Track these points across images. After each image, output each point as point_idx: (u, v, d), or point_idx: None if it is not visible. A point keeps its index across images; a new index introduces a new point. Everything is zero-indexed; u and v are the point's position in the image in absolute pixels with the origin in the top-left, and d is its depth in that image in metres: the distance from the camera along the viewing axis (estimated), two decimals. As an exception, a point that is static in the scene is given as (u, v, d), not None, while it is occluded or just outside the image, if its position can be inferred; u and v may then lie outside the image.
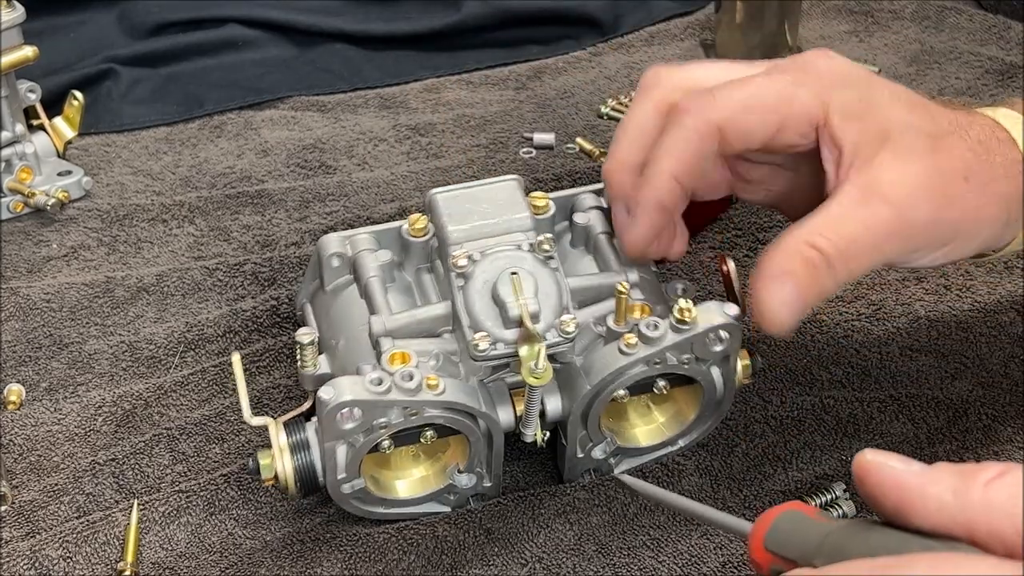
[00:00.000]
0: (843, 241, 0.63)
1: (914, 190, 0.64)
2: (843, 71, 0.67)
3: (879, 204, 0.63)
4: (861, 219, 0.63)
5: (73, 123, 0.98)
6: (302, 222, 0.94)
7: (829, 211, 0.64)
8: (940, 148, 0.65)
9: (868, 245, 0.63)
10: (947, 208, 0.64)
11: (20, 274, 0.90)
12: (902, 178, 0.64)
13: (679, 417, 0.73)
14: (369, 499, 0.69)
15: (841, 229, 0.63)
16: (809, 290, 0.63)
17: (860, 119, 0.65)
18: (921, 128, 0.65)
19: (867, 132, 0.65)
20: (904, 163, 0.64)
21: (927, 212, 0.64)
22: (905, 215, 0.63)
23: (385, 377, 0.64)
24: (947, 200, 0.64)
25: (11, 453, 0.76)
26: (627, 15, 1.19)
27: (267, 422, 0.68)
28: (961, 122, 0.67)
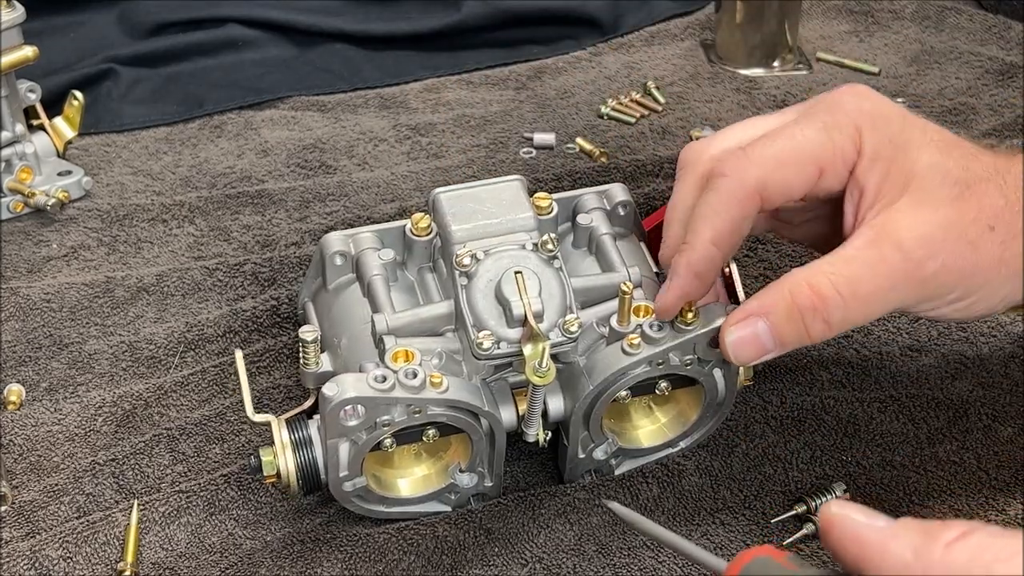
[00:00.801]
0: (845, 283, 0.61)
1: (931, 236, 0.61)
2: (875, 110, 0.65)
3: (890, 248, 0.61)
4: (868, 262, 0.61)
5: (73, 123, 0.98)
6: (302, 222, 0.94)
7: (838, 252, 0.62)
8: (968, 194, 0.63)
9: (873, 289, 0.61)
10: (966, 257, 0.62)
11: (20, 274, 0.89)
12: (919, 223, 0.61)
13: (680, 418, 0.73)
14: (370, 498, 0.69)
15: (845, 271, 0.61)
16: (786, 332, 0.62)
17: (887, 161, 0.63)
18: (950, 172, 0.63)
19: (892, 175, 0.63)
20: (925, 208, 0.62)
21: (943, 260, 0.61)
22: (917, 261, 0.61)
23: (389, 374, 0.64)
24: (968, 249, 0.62)
25: (11, 453, 0.75)
26: (627, 15, 1.19)
27: (269, 419, 0.68)
28: (999, 167, 0.64)
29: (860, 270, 0.61)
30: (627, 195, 0.76)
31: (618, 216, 0.75)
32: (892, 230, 0.61)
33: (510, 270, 0.67)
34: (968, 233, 0.62)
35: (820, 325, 0.61)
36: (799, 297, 0.61)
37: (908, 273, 0.61)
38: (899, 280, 0.61)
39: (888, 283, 0.61)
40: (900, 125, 0.64)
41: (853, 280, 0.61)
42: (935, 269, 0.61)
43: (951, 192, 0.62)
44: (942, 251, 0.61)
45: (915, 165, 0.63)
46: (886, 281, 0.61)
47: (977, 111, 1.06)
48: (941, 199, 0.62)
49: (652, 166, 0.98)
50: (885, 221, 0.62)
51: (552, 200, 0.73)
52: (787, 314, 0.61)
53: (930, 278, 0.62)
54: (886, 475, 0.73)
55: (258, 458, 0.67)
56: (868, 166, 0.63)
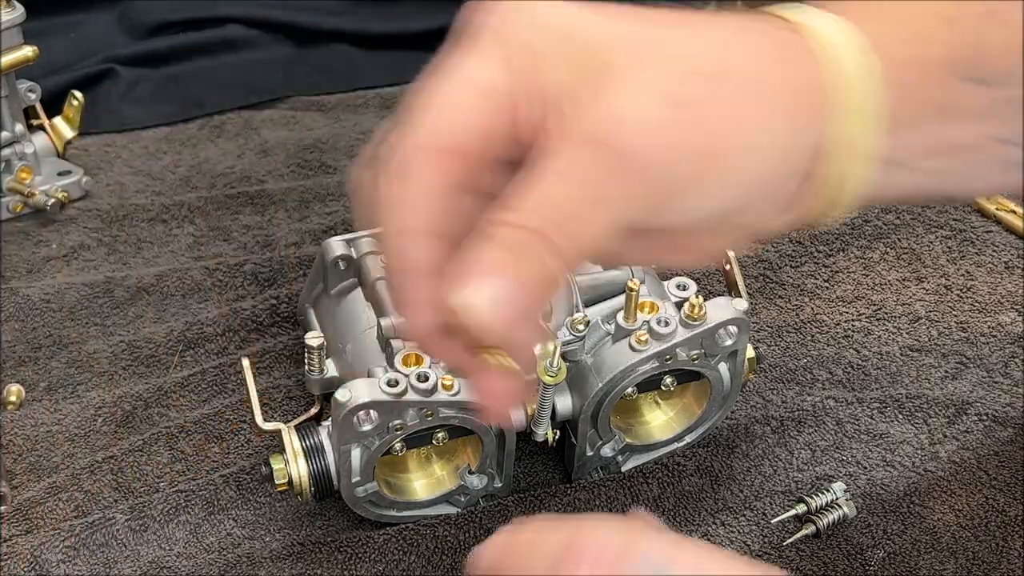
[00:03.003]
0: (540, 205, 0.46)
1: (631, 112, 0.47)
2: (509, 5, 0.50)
3: (581, 146, 0.47)
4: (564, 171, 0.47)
5: (73, 123, 0.97)
6: (302, 222, 0.94)
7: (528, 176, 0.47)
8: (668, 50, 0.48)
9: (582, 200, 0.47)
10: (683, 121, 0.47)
11: (20, 274, 0.89)
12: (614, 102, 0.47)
13: (686, 413, 0.73)
14: (382, 502, 0.69)
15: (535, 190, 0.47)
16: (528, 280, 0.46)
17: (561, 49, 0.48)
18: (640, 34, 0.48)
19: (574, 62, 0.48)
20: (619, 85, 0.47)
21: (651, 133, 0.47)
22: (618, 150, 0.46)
23: (400, 378, 0.64)
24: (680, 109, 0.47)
25: (11, 453, 0.75)
26: (627, 15, 1.19)
27: (279, 427, 0.68)
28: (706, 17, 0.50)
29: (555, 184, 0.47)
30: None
31: None
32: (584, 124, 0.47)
33: None
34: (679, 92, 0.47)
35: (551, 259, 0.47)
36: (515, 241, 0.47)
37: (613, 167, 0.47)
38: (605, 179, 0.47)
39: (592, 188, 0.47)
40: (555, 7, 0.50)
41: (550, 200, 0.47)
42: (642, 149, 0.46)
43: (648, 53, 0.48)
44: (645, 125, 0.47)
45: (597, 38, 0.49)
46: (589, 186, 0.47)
47: (978, 111, 1.06)
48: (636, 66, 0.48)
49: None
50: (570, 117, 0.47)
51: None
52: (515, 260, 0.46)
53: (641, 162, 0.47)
54: (886, 475, 0.73)
55: (269, 467, 0.67)
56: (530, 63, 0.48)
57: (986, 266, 0.87)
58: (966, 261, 0.88)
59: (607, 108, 0.47)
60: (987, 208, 0.92)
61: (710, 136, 0.48)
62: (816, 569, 0.68)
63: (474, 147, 0.49)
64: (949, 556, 0.68)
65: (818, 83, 0.49)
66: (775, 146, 0.49)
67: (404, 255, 0.49)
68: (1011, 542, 0.69)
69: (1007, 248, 0.89)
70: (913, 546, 0.69)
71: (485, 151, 0.49)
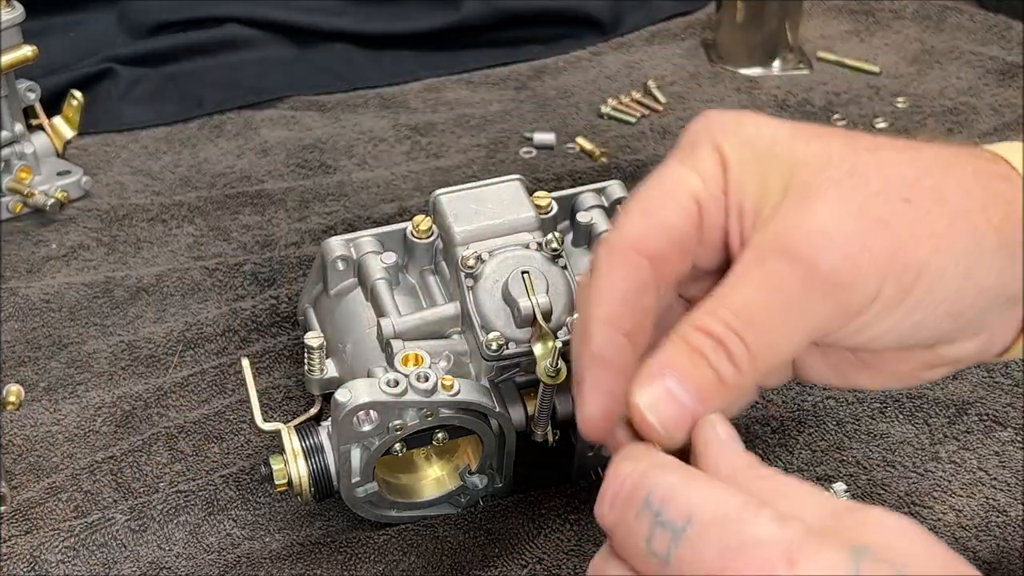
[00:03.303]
0: (734, 315, 0.49)
1: (820, 226, 0.49)
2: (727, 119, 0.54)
3: (775, 257, 0.49)
4: (755, 281, 0.49)
5: (72, 123, 0.97)
6: (302, 222, 0.94)
7: (723, 283, 0.50)
8: (864, 168, 0.50)
9: (767, 310, 0.49)
10: (876, 237, 0.49)
11: (19, 274, 0.89)
12: (804, 217, 0.49)
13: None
14: (382, 502, 0.69)
15: (731, 299, 0.49)
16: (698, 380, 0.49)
17: (758, 163, 0.51)
18: (834, 152, 0.51)
19: (768, 176, 0.51)
20: (810, 198, 0.49)
21: (843, 249, 0.48)
22: (808, 260, 0.48)
23: (400, 378, 0.64)
24: (876, 226, 0.49)
25: (10, 453, 0.75)
26: (627, 15, 1.19)
27: (279, 427, 0.68)
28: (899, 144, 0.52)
29: (747, 293, 0.49)
30: (626, 192, 0.76)
31: (617, 214, 0.75)
32: (776, 236, 0.49)
33: (517, 270, 0.67)
34: (872, 207, 0.49)
35: (727, 365, 0.49)
36: (693, 339, 0.49)
37: (804, 279, 0.49)
38: (796, 290, 0.49)
39: (783, 298, 0.49)
40: (754, 122, 0.53)
41: (742, 307, 0.49)
42: (833, 263, 0.48)
43: (840, 171, 0.50)
44: (838, 238, 0.49)
45: (793, 155, 0.51)
46: (780, 296, 0.49)
47: (978, 111, 1.06)
48: (829, 182, 0.50)
49: (652, 166, 0.96)
50: (767, 233, 0.50)
51: (551, 199, 0.73)
52: (690, 360, 0.49)
53: (831, 275, 0.49)
54: (886, 475, 0.73)
55: (268, 467, 0.67)
56: (738, 176, 0.52)
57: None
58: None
59: (802, 220, 0.49)
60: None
61: (905, 254, 0.49)
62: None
63: (664, 250, 0.52)
64: (949, 556, 0.68)
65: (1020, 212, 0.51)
66: (976, 272, 0.50)
67: (588, 342, 0.52)
68: (1011, 542, 0.69)
69: (1007, 248, 0.89)
70: (913, 546, 0.69)
71: (678, 255, 0.52)
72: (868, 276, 0.49)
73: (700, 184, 0.52)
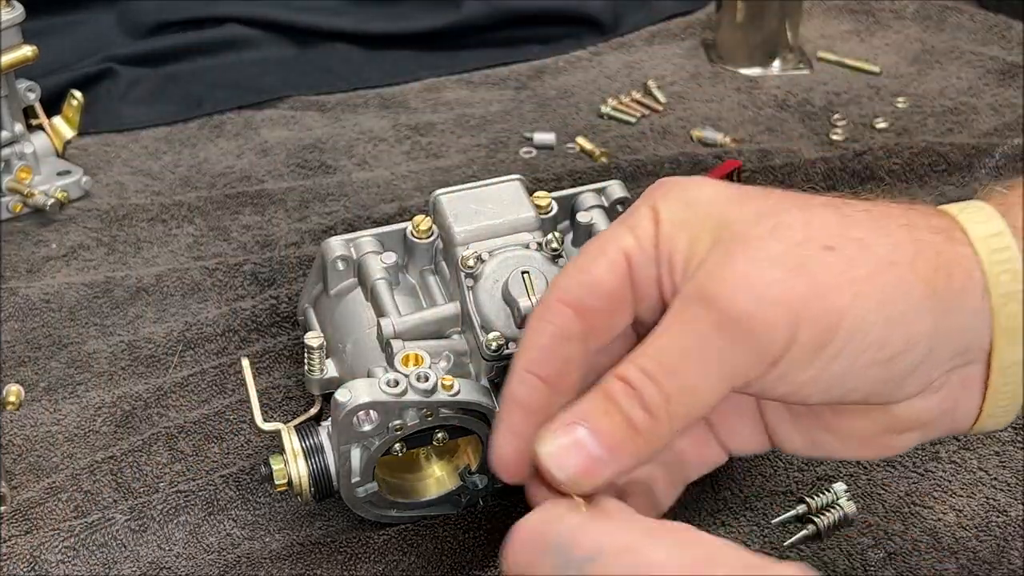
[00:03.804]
0: (651, 360, 0.49)
1: (739, 275, 0.49)
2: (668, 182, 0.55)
3: (695, 304, 0.49)
4: (672, 328, 0.50)
5: (72, 123, 0.97)
6: (302, 222, 0.94)
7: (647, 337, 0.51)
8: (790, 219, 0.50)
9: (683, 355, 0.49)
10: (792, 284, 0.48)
11: (19, 274, 0.89)
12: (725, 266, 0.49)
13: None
14: (382, 502, 0.69)
15: (651, 347, 0.50)
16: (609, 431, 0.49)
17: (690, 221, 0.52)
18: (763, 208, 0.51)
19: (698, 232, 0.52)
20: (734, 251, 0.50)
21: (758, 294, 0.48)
22: (722, 306, 0.48)
23: (400, 378, 0.64)
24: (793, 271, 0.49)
25: (10, 454, 0.75)
26: (627, 15, 1.19)
27: (279, 427, 0.68)
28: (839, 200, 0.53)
29: (664, 339, 0.50)
30: (625, 192, 0.76)
31: (617, 213, 0.75)
32: (696, 285, 0.50)
33: (517, 270, 0.67)
34: (789, 259, 0.49)
35: (640, 413, 0.49)
36: (610, 388, 0.50)
37: (718, 323, 0.48)
38: (710, 334, 0.49)
39: (698, 342, 0.49)
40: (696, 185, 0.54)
41: (659, 353, 0.49)
42: (746, 306, 0.48)
43: (768, 224, 0.50)
44: (752, 283, 0.48)
45: (726, 213, 0.52)
46: (695, 341, 0.49)
47: (978, 111, 1.06)
48: (755, 234, 0.50)
49: (652, 166, 0.98)
50: (693, 281, 0.50)
51: (551, 199, 0.73)
52: (603, 410, 0.50)
53: (743, 319, 0.48)
54: (886, 475, 0.73)
55: (268, 467, 0.67)
56: (669, 232, 0.52)
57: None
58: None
59: (723, 269, 0.49)
60: (988, 208, 0.92)
61: (822, 300, 0.49)
62: (816, 569, 0.68)
63: (588, 301, 0.53)
64: (949, 556, 0.68)
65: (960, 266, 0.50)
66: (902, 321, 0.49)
67: (507, 385, 0.54)
68: (1011, 542, 0.69)
69: (1007, 248, 0.89)
70: (913, 546, 0.69)
71: (605, 307, 0.53)
72: (781, 320, 0.48)
73: (632, 241, 0.53)
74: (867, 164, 0.96)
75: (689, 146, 1.03)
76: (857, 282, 0.49)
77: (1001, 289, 0.50)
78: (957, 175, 0.96)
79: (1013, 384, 0.52)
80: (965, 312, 0.50)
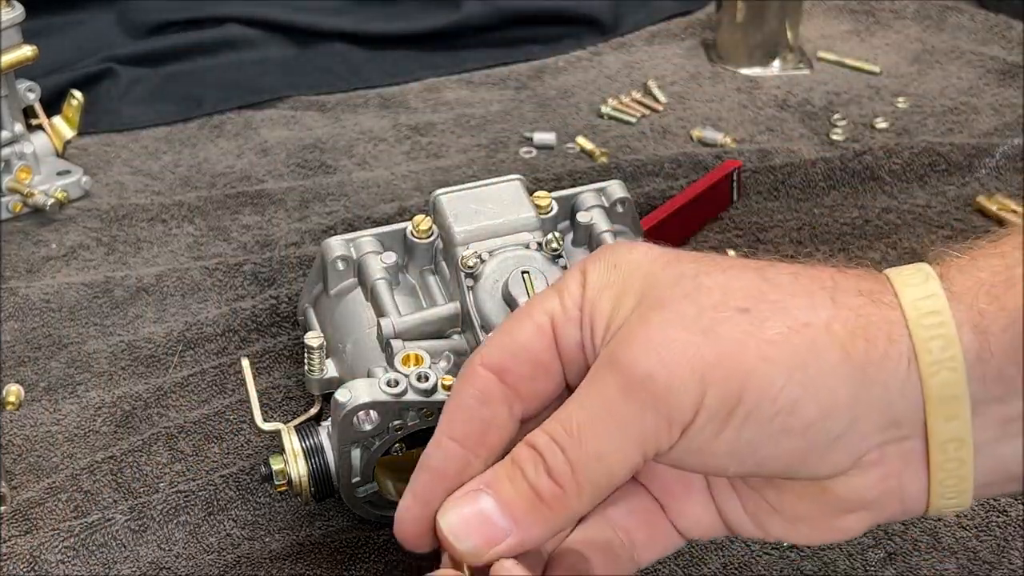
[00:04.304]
0: (558, 426, 0.48)
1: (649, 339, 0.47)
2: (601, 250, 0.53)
3: (605, 370, 0.48)
4: (583, 395, 0.48)
5: (72, 123, 0.97)
6: (302, 222, 0.94)
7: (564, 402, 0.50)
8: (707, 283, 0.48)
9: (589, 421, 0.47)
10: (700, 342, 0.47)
11: (19, 274, 0.89)
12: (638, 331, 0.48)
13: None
14: (382, 502, 0.69)
15: (560, 414, 0.48)
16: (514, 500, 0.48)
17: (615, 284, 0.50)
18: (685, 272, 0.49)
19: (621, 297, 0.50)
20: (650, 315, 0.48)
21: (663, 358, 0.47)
22: (628, 370, 0.47)
23: (401, 378, 0.64)
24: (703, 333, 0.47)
25: (10, 454, 0.75)
26: (627, 15, 1.19)
27: (279, 427, 0.68)
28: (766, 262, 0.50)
29: (574, 406, 0.48)
30: (625, 192, 0.76)
31: (617, 213, 0.75)
32: (610, 351, 0.48)
33: (517, 270, 0.67)
34: (701, 322, 0.47)
35: (546, 481, 0.48)
36: (517, 454, 0.49)
37: (624, 387, 0.47)
38: (617, 399, 0.47)
39: (605, 408, 0.47)
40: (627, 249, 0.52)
41: (567, 420, 0.48)
42: (650, 368, 0.46)
43: (687, 287, 0.48)
44: (659, 346, 0.47)
45: (651, 275, 0.50)
46: (602, 406, 0.47)
47: (979, 111, 1.06)
48: (669, 298, 0.48)
49: (652, 166, 0.98)
50: (609, 345, 0.49)
51: (551, 199, 0.73)
52: (509, 477, 0.49)
53: (648, 381, 0.46)
54: (887, 475, 0.73)
55: (268, 467, 0.67)
56: (594, 295, 0.51)
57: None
58: None
59: (632, 333, 0.48)
60: (988, 208, 0.92)
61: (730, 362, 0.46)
62: (816, 569, 0.68)
63: (509, 364, 0.51)
64: (949, 556, 0.68)
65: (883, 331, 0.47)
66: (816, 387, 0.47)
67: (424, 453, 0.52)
68: (1011, 542, 0.69)
69: (1008, 248, 0.89)
70: (913, 546, 0.69)
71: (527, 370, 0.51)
72: (687, 383, 0.46)
73: (558, 304, 0.51)
74: (867, 164, 0.96)
75: (689, 146, 1.03)
76: (766, 344, 0.46)
77: (931, 357, 0.46)
78: (957, 175, 0.96)
79: (957, 462, 0.48)
80: (890, 380, 0.46)
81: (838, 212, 0.93)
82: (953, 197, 0.94)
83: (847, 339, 0.46)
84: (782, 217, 0.92)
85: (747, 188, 0.95)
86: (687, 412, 0.47)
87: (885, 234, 0.90)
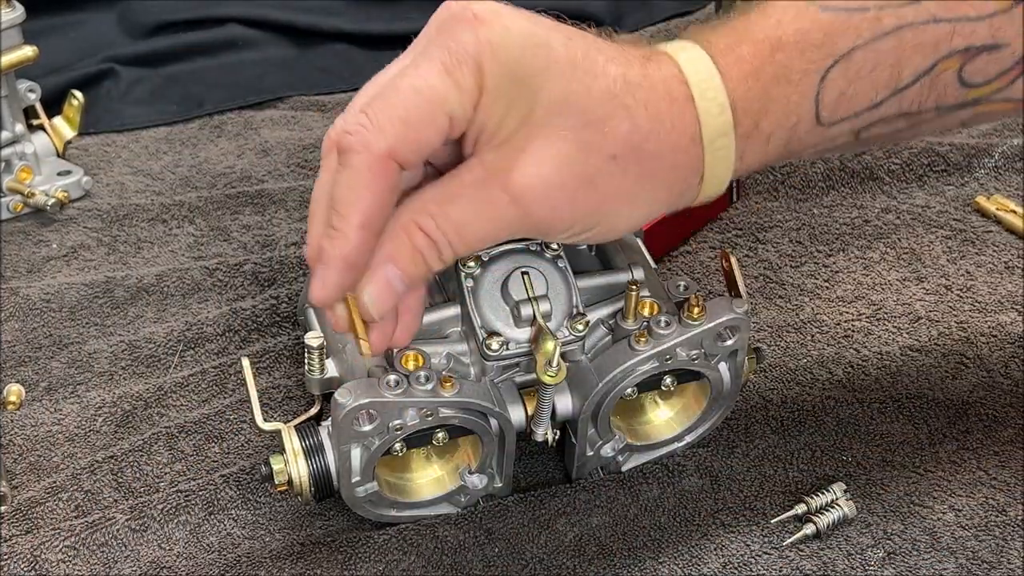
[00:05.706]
0: (453, 229, 0.59)
1: (543, 178, 0.58)
2: (496, 39, 0.58)
3: (498, 191, 0.59)
4: (475, 204, 0.59)
5: (73, 123, 0.98)
6: (302, 222, 0.94)
7: (445, 186, 0.60)
8: (591, 123, 0.59)
9: (480, 233, 0.60)
10: (584, 194, 0.59)
11: (20, 274, 0.89)
12: (531, 163, 0.58)
13: (686, 412, 0.73)
14: (381, 502, 0.69)
15: (453, 212, 0.59)
16: (413, 272, 0.60)
17: (508, 97, 0.58)
18: (575, 103, 0.58)
19: (512, 110, 0.58)
20: (541, 143, 0.58)
21: (555, 205, 0.59)
22: (525, 207, 0.59)
23: (401, 379, 0.64)
24: (585, 185, 0.59)
25: (11, 453, 0.75)
26: (627, 15, 1.19)
27: (279, 427, 0.68)
28: (631, 81, 0.60)
29: (466, 214, 0.59)
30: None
31: None
32: (502, 170, 0.59)
33: (516, 271, 0.67)
34: (587, 169, 0.59)
35: (436, 261, 0.60)
36: (416, 239, 0.59)
37: (518, 218, 0.59)
38: (506, 224, 0.60)
39: (494, 227, 0.60)
40: (526, 52, 0.59)
41: (460, 225, 0.59)
42: (545, 215, 0.59)
43: (574, 122, 0.59)
44: (555, 194, 0.59)
45: (538, 96, 0.58)
46: (492, 225, 0.59)
47: (978, 111, 1.06)
48: (560, 133, 0.58)
49: (652, 166, 0.98)
50: (497, 158, 0.59)
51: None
52: (411, 258, 0.60)
53: (540, 222, 0.60)
54: (886, 475, 0.73)
55: (268, 467, 0.67)
56: (489, 104, 0.58)
57: (986, 266, 0.87)
58: (966, 261, 0.88)
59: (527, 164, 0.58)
60: (987, 208, 0.92)
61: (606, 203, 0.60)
62: (816, 569, 0.68)
63: (416, 161, 0.59)
64: (949, 556, 0.68)
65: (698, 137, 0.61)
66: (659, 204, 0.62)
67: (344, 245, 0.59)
68: (1011, 542, 0.69)
69: (1007, 248, 0.89)
70: (913, 546, 0.69)
71: (421, 159, 0.60)
72: (568, 222, 0.61)
73: (458, 104, 0.58)
74: (866, 164, 0.96)
75: (689, 146, 1.03)
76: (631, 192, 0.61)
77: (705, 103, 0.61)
78: (956, 175, 0.96)
79: None
80: None
81: (837, 212, 0.93)
82: (952, 197, 0.94)
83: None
84: (781, 217, 0.92)
85: (747, 188, 0.95)
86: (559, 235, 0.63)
87: (884, 234, 0.90)
